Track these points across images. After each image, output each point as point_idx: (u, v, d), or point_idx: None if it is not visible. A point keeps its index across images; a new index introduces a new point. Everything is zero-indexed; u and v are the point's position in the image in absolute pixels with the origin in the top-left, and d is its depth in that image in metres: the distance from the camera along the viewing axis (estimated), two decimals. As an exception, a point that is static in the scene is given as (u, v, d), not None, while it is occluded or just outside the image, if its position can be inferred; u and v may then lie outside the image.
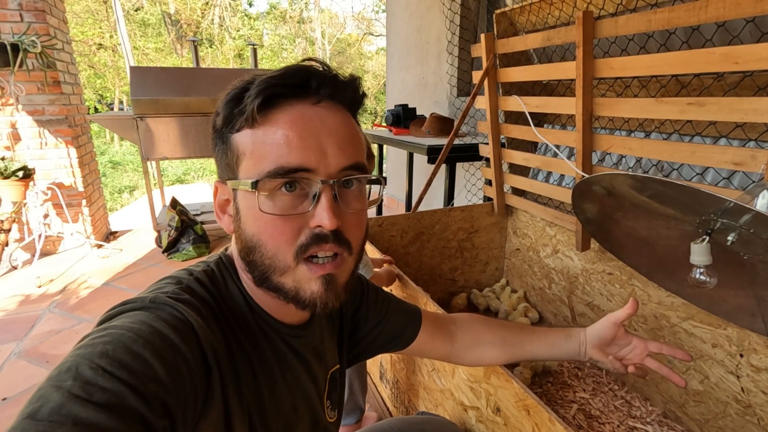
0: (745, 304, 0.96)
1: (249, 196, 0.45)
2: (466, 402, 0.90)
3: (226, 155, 0.47)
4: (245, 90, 0.45)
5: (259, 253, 0.45)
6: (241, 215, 0.46)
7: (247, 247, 0.46)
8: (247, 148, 0.44)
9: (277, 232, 0.44)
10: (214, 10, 13.54)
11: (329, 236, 0.44)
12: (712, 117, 0.95)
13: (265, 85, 0.43)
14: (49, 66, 2.57)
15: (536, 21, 1.45)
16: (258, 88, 0.43)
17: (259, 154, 0.44)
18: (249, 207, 0.45)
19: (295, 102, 0.45)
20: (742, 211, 0.72)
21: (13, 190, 2.48)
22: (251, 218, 0.45)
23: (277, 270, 0.45)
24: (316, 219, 0.44)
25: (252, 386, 0.48)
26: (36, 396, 0.32)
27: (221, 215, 0.51)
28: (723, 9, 0.86)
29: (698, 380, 1.21)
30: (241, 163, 0.45)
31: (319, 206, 0.44)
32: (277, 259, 0.45)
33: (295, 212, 0.44)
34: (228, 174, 0.47)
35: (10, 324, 2.04)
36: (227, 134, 0.46)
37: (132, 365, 0.34)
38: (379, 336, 0.70)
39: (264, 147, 0.43)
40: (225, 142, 0.47)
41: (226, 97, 0.46)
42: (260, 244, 0.45)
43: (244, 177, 0.45)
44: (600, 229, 1.11)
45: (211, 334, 0.43)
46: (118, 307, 0.42)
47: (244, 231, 0.46)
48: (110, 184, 7.60)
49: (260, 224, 0.44)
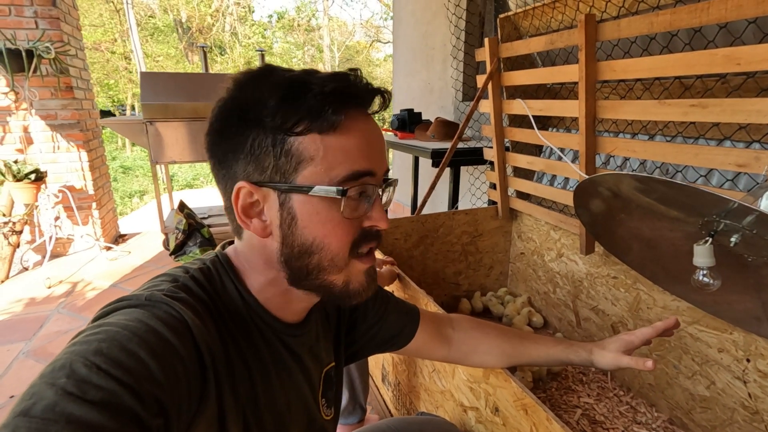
0: (750, 308, 0.95)
1: (315, 201, 0.44)
2: (466, 403, 0.90)
3: (277, 157, 0.44)
4: (304, 90, 0.43)
5: (319, 257, 0.46)
6: (298, 220, 0.45)
7: (302, 250, 0.46)
8: (315, 153, 0.43)
9: (343, 233, 0.46)
10: (225, 18, 13.75)
11: (377, 233, 0.49)
12: (716, 119, 0.95)
13: (339, 93, 0.43)
14: (62, 72, 2.63)
15: (539, 25, 1.46)
16: (335, 97, 0.43)
17: (332, 159, 0.44)
18: (314, 212, 0.45)
19: (356, 111, 0.46)
20: (745, 212, 0.71)
21: (25, 192, 2.53)
22: (317, 222, 0.45)
23: (335, 269, 0.47)
24: (374, 220, 0.48)
25: (247, 385, 0.48)
26: (29, 393, 0.31)
27: (247, 220, 0.47)
28: (725, 10, 0.86)
29: (704, 386, 1.19)
30: (304, 167, 0.44)
31: (375, 209, 0.48)
32: (338, 259, 0.47)
33: (359, 215, 0.47)
34: (273, 176, 0.44)
35: (20, 324, 2.07)
36: (284, 136, 0.43)
37: (127, 363, 0.34)
38: (377, 335, 0.70)
39: (337, 153, 0.44)
40: (278, 143, 0.43)
41: (272, 93, 0.43)
42: (322, 247, 0.46)
43: (308, 182, 0.44)
44: (603, 231, 1.11)
45: (206, 332, 0.43)
46: (113, 304, 0.41)
47: (300, 235, 0.46)
48: (121, 189, 7.71)
49: (329, 227, 0.45)
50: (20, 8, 2.53)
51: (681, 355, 1.24)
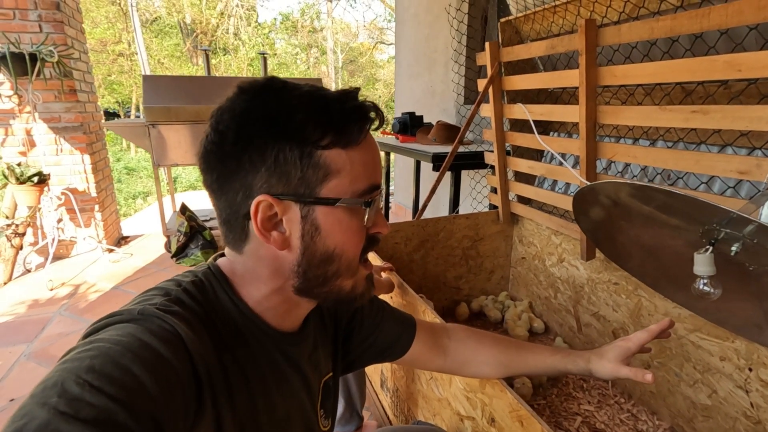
0: (752, 317, 0.94)
1: (338, 212, 0.47)
2: (463, 412, 0.89)
3: (303, 170, 0.44)
4: (327, 104, 0.46)
5: (337, 264, 0.49)
6: (322, 230, 0.47)
7: (323, 258, 0.48)
8: (342, 166, 0.46)
9: (359, 240, 0.50)
10: (229, 20, 13.80)
11: (379, 240, 0.54)
12: (717, 125, 0.94)
13: (362, 111, 0.47)
14: (66, 75, 2.65)
15: (540, 29, 1.45)
16: (358, 114, 0.47)
17: (356, 172, 0.47)
18: (336, 222, 0.47)
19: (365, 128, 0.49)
20: (746, 221, 0.70)
21: (28, 195, 2.55)
22: (339, 232, 0.48)
23: (350, 273, 0.51)
24: (379, 227, 0.52)
25: (245, 396, 0.47)
26: (20, 413, 0.31)
27: (267, 234, 0.46)
28: (726, 16, 0.85)
29: (706, 394, 1.17)
30: (330, 180, 0.46)
31: (380, 216, 0.52)
32: (352, 265, 0.50)
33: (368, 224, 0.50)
34: (297, 188, 0.45)
35: (22, 326, 2.08)
36: (312, 149, 0.44)
37: (120, 379, 0.34)
38: (373, 345, 0.70)
39: (359, 167, 0.47)
40: (307, 155, 0.44)
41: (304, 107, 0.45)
42: (341, 254, 0.49)
43: (333, 194, 0.46)
44: (603, 238, 1.10)
45: (201, 345, 0.42)
46: (104, 320, 0.41)
47: (322, 245, 0.48)
48: (125, 190, 7.75)
49: (349, 235, 0.49)
50: (24, 12, 2.55)
51: (682, 363, 1.23)
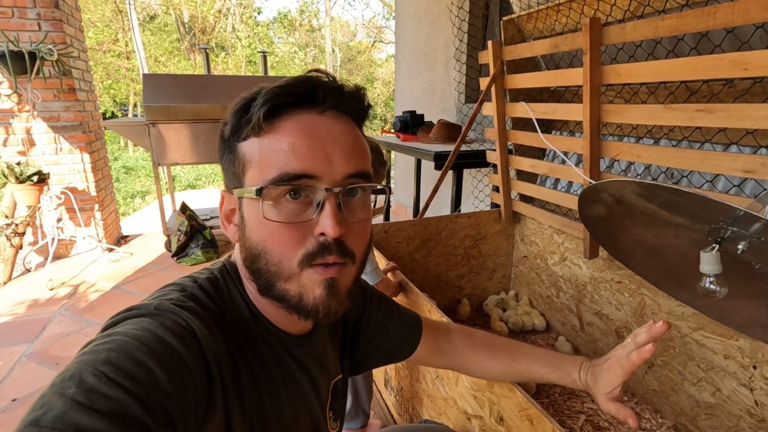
0: (757, 315, 0.94)
1: (254, 204, 0.45)
2: (470, 411, 0.89)
3: (233, 164, 0.47)
4: (252, 100, 0.45)
5: (264, 260, 0.45)
6: (246, 223, 0.46)
7: (252, 255, 0.46)
8: (253, 156, 0.45)
9: (282, 239, 0.44)
10: (227, 18, 13.76)
11: (333, 246, 0.44)
12: (722, 124, 0.94)
13: (271, 94, 0.44)
14: (65, 73, 2.64)
15: (543, 28, 1.45)
16: (264, 98, 0.44)
17: (265, 161, 0.44)
18: (254, 214, 0.45)
19: (302, 111, 0.45)
20: (752, 220, 0.70)
21: (27, 194, 2.53)
22: (256, 226, 0.45)
23: (282, 276, 0.45)
24: (320, 227, 0.44)
25: (254, 396, 0.47)
26: (39, 403, 0.32)
27: (227, 224, 0.50)
28: (732, 15, 0.85)
29: (710, 392, 1.18)
30: (247, 171, 0.45)
31: (323, 214, 0.44)
32: (282, 266, 0.45)
33: (298, 219, 0.44)
34: (234, 183, 0.47)
35: (22, 326, 2.07)
36: (234, 143, 0.47)
37: (135, 373, 0.34)
38: (380, 346, 0.70)
39: (270, 155, 0.44)
40: (232, 151, 0.47)
41: (234, 108, 0.47)
42: (265, 251, 0.45)
43: (250, 185, 0.45)
44: (608, 237, 1.10)
45: (214, 342, 0.43)
46: (122, 314, 0.42)
47: (249, 239, 0.46)
48: (123, 189, 7.72)
49: (265, 231, 0.45)
50: (23, 10, 2.53)
51: (686, 362, 1.23)
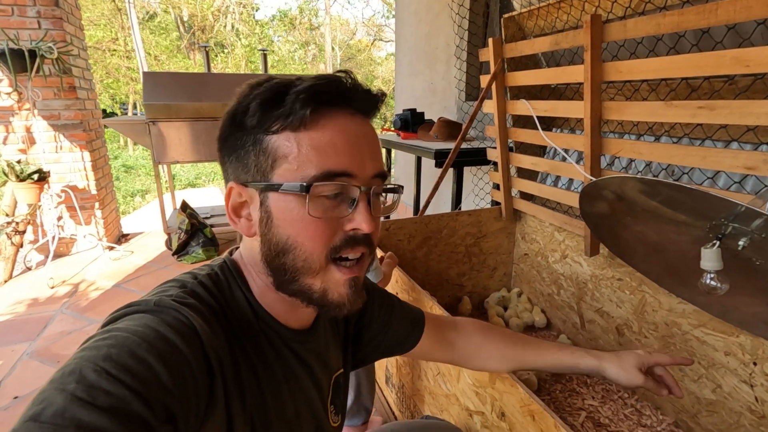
0: (758, 312, 0.94)
1: (288, 199, 0.45)
2: (471, 407, 0.89)
3: (256, 156, 0.46)
4: (284, 92, 0.44)
5: (293, 256, 0.46)
6: (273, 218, 0.46)
7: (278, 249, 0.46)
8: (289, 150, 0.44)
9: (317, 234, 0.45)
10: (226, 17, 13.74)
11: (362, 239, 0.47)
12: (723, 120, 0.94)
13: (314, 91, 0.44)
14: (65, 72, 2.63)
15: (544, 25, 1.45)
16: (307, 94, 0.43)
17: (305, 157, 0.44)
18: (287, 209, 0.45)
19: (336, 111, 0.46)
20: (753, 216, 0.71)
21: (28, 192, 2.53)
22: (289, 220, 0.45)
23: (310, 271, 0.46)
24: (355, 223, 0.46)
25: (255, 392, 0.48)
26: (39, 398, 0.32)
27: (236, 219, 0.49)
28: (733, 12, 0.85)
29: (710, 389, 1.18)
30: (280, 165, 0.45)
31: (357, 211, 0.46)
32: (311, 260, 0.46)
33: (335, 215, 0.46)
34: (255, 176, 0.46)
35: (24, 324, 2.07)
36: (261, 135, 0.45)
37: (136, 369, 0.34)
38: (383, 341, 0.70)
39: (310, 151, 0.44)
40: (256, 142, 0.45)
41: (256, 97, 0.45)
42: (295, 246, 0.45)
43: (283, 180, 0.44)
44: (609, 234, 1.10)
45: (215, 339, 0.43)
46: (122, 310, 0.42)
47: (275, 234, 0.46)
48: (123, 188, 7.72)
49: (300, 226, 0.45)
50: (23, 8, 2.53)
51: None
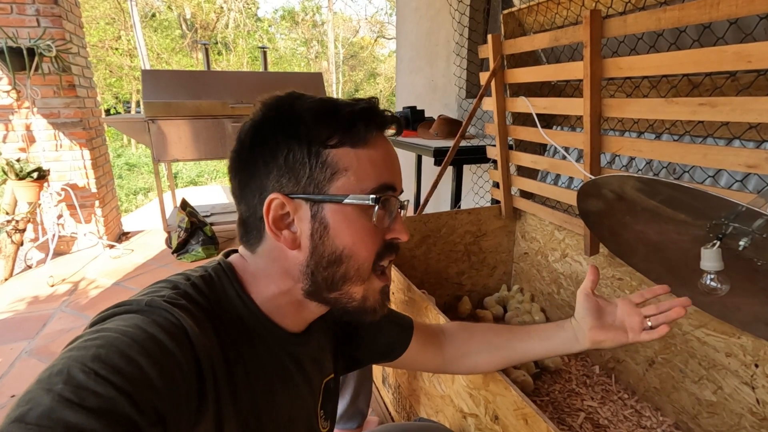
0: (760, 313, 0.92)
1: (347, 210, 0.47)
2: (466, 409, 0.88)
3: (312, 168, 0.46)
4: (337, 109, 0.47)
5: (347, 265, 0.48)
6: (331, 229, 0.47)
7: (331, 259, 0.48)
8: (349, 164, 0.47)
9: (371, 242, 0.49)
10: (229, 15, 13.73)
11: (396, 247, 0.53)
12: (725, 118, 0.92)
13: (372, 114, 0.48)
14: (65, 70, 2.63)
15: (544, 21, 1.43)
16: (368, 116, 0.48)
17: (364, 172, 0.47)
18: (347, 220, 0.47)
19: (379, 132, 0.50)
20: (755, 216, 0.69)
21: (28, 190, 2.54)
22: (347, 231, 0.47)
23: (359, 279, 0.50)
24: (396, 233, 0.51)
25: (248, 394, 0.47)
26: (25, 398, 0.31)
27: (278, 232, 0.48)
28: (735, 6, 0.83)
29: (711, 390, 1.16)
30: (338, 178, 0.47)
31: (398, 222, 0.51)
32: (363, 269, 0.49)
33: (383, 226, 0.50)
34: (306, 188, 0.47)
35: (23, 322, 2.08)
36: (320, 148, 0.46)
37: (125, 370, 0.34)
38: (372, 346, 0.69)
39: (368, 166, 0.48)
40: (314, 154, 0.46)
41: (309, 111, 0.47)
42: (351, 255, 0.48)
43: (342, 192, 0.47)
44: (607, 233, 1.08)
45: (206, 339, 0.42)
46: (111, 309, 0.41)
47: (330, 245, 0.48)
48: (126, 186, 7.74)
49: (358, 236, 0.48)
50: (22, 6, 2.53)
51: (687, 359, 1.22)
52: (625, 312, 0.69)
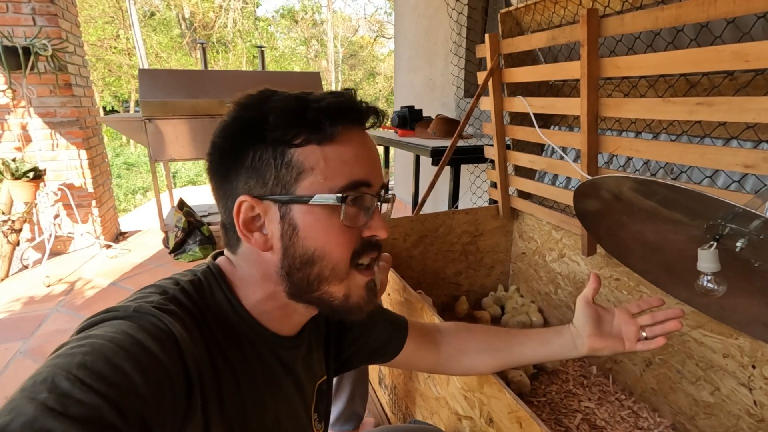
0: (757, 314, 0.92)
1: (315, 210, 0.45)
2: (461, 411, 0.87)
3: (278, 168, 0.45)
4: (304, 106, 0.45)
5: (320, 266, 0.47)
6: (300, 230, 0.46)
7: (303, 261, 0.46)
8: (316, 163, 0.45)
9: (344, 242, 0.47)
10: (228, 14, 13.71)
11: (378, 244, 0.51)
12: (723, 117, 0.91)
13: (339, 108, 0.46)
14: (61, 69, 2.62)
15: (541, 20, 1.42)
16: (334, 110, 0.45)
17: (332, 169, 0.45)
18: (315, 221, 0.46)
19: (352, 126, 0.48)
20: (752, 217, 0.68)
21: (24, 190, 2.52)
22: (318, 231, 0.46)
23: (336, 279, 0.48)
24: (373, 230, 0.49)
25: (235, 399, 0.47)
26: (8, 408, 0.30)
27: (249, 234, 0.47)
28: (733, 4, 0.82)
29: (709, 391, 1.16)
30: (304, 178, 0.45)
31: (375, 218, 0.49)
32: (339, 268, 0.47)
33: (358, 224, 0.48)
34: (273, 189, 0.45)
35: (18, 323, 2.07)
36: (283, 148, 0.45)
37: (111, 378, 0.33)
38: (364, 346, 0.68)
39: (337, 163, 0.46)
40: (278, 155, 0.45)
41: (275, 110, 0.45)
42: (323, 256, 0.46)
43: (309, 192, 0.45)
44: (604, 234, 1.08)
45: (194, 346, 0.42)
46: (99, 315, 0.41)
47: (301, 246, 0.46)
48: (124, 185, 7.72)
49: (328, 236, 0.46)
50: (18, 5, 2.51)
51: (684, 360, 1.21)
52: (622, 321, 0.70)
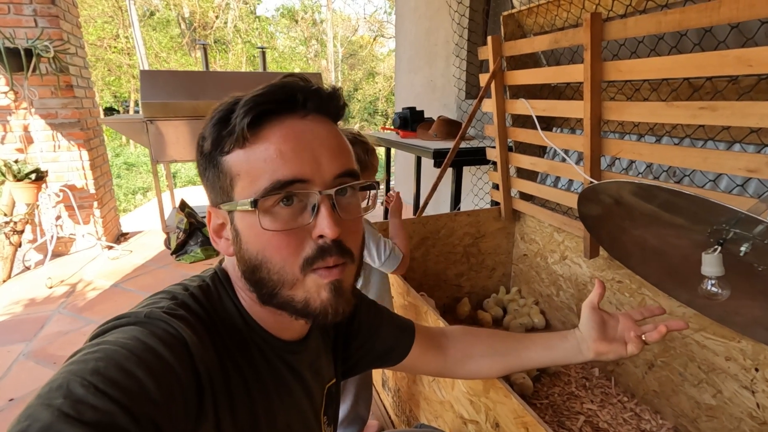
0: (759, 317, 0.92)
1: (248, 216, 0.44)
2: (466, 415, 0.88)
3: (219, 179, 0.46)
4: (231, 111, 0.44)
5: (266, 270, 0.45)
6: (241, 236, 0.46)
7: (251, 266, 0.45)
8: (241, 168, 0.44)
9: (282, 246, 0.44)
10: (228, 14, 13.70)
11: (332, 247, 0.45)
12: (726, 122, 0.91)
13: (252, 103, 0.43)
14: (62, 70, 2.62)
15: (544, 23, 1.42)
16: (245, 108, 0.43)
17: (255, 172, 0.43)
18: (250, 226, 0.44)
19: (284, 117, 0.45)
20: (755, 222, 0.69)
21: (26, 192, 2.52)
22: (253, 237, 0.45)
23: (287, 283, 0.45)
24: (318, 229, 0.44)
25: (246, 405, 0.47)
26: (25, 414, 0.31)
27: (217, 240, 0.50)
28: (736, 10, 0.83)
29: (711, 394, 1.16)
30: (236, 184, 0.44)
31: (319, 216, 0.44)
32: (285, 273, 0.44)
33: (296, 225, 0.44)
34: (222, 197, 0.46)
35: (21, 324, 2.07)
36: (217, 157, 0.45)
37: (124, 383, 0.34)
38: (371, 350, 0.69)
39: (258, 164, 0.43)
40: (216, 165, 0.46)
41: (211, 120, 0.45)
42: (266, 261, 0.44)
43: (241, 197, 0.44)
44: (608, 237, 1.08)
45: (205, 351, 0.42)
46: (111, 322, 0.41)
47: (246, 251, 0.45)
48: (125, 186, 7.71)
49: (263, 241, 0.44)
50: (19, 6, 2.51)
51: (687, 363, 1.22)
52: (625, 326, 0.71)
